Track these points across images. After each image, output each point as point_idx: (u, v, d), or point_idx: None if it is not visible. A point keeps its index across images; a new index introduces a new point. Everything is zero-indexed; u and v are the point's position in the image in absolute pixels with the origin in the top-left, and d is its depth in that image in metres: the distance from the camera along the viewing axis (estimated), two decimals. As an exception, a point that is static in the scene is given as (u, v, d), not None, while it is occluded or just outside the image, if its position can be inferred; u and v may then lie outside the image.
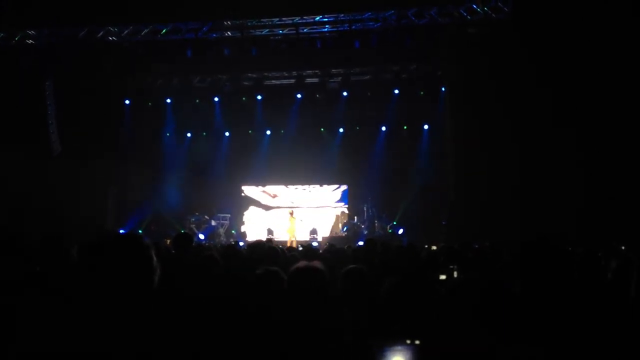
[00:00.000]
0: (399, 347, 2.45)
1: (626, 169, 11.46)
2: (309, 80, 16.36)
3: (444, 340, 1.81)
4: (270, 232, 17.01)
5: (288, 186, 18.40)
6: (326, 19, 13.47)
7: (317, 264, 2.65)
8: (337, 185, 18.13)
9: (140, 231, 15.88)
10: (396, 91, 16.26)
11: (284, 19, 13.53)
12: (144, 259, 1.68)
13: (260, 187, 18.55)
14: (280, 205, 18.30)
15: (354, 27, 13.34)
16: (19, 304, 2.33)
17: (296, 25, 13.54)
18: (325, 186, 18.16)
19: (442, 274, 3.32)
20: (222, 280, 3.62)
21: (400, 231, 15.65)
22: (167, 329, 1.73)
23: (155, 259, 1.72)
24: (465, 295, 1.81)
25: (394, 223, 16.10)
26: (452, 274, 3.31)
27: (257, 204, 18.42)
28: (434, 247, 9.05)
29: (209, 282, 3.67)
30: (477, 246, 8.35)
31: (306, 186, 18.30)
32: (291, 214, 16.49)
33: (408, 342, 2.40)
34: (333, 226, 17.46)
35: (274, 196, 18.47)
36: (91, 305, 1.63)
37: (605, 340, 2.46)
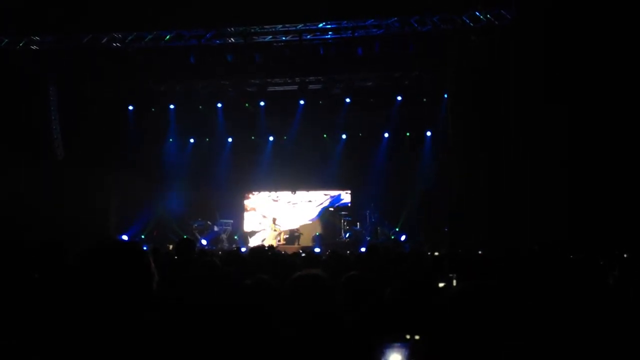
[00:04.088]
0: (399, 345, 2.45)
1: (629, 175, 11.44)
2: (312, 86, 16.38)
3: (443, 342, 1.82)
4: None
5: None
6: (329, 26, 13.49)
7: (317, 271, 2.65)
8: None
9: (142, 237, 15.93)
10: (399, 98, 16.29)
11: (287, 25, 13.55)
12: (142, 265, 1.69)
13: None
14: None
15: (357, 33, 13.35)
16: (18, 311, 2.34)
17: (299, 32, 13.57)
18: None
19: (441, 281, 3.32)
20: (221, 286, 3.63)
21: (403, 237, 15.64)
22: (165, 336, 1.74)
23: (153, 265, 1.73)
24: (463, 303, 1.81)
25: (397, 229, 16.10)
26: (451, 282, 3.31)
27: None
28: (436, 254, 9.05)
29: (209, 288, 3.67)
30: (480, 252, 8.36)
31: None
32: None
33: (407, 337, 2.40)
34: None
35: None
36: (89, 311, 1.63)
37: (606, 347, 2.46)
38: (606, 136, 11.63)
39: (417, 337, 2.58)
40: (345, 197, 18.13)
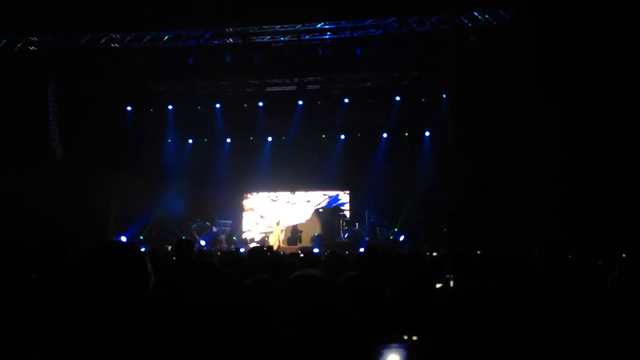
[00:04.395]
0: (397, 345, 2.45)
1: (629, 176, 11.45)
2: (310, 87, 16.36)
3: (441, 342, 1.81)
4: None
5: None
6: (328, 26, 13.48)
7: (316, 271, 2.65)
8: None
9: (141, 237, 15.92)
10: (397, 98, 16.29)
11: (285, 26, 13.55)
12: (138, 266, 1.69)
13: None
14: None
15: (355, 34, 13.35)
16: (16, 311, 2.34)
17: (298, 32, 13.56)
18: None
19: (439, 282, 3.33)
20: (220, 287, 3.62)
21: (402, 238, 15.64)
22: (162, 336, 1.73)
23: (149, 266, 1.73)
24: (462, 303, 1.81)
25: (395, 230, 16.09)
26: (449, 283, 3.32)
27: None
28: (435, 254, 9.06)
29: (208, 288, 3.67)
30: (479, 252, 8.36)
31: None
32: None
33: (405, 337, 2.40)
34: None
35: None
36: (86, 311, 1.63)
37: (605, 347, 2.45)
38: (605, 136, 11.63)
39: (414, 337, 2.58)
40: (343, 197, 18.14)
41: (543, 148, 12.14)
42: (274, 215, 17.93)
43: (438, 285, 3.35)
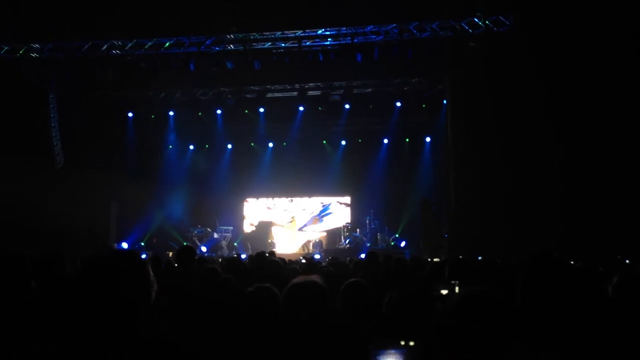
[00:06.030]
0: (395, 350, 2.45)
1: (628, 182, 11.45)
2: (311, 93, 16.41)
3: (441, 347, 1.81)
4: (272, 244, 17.05)
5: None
6: (328, 33, 13.53)
7: (315, 278, 2.65)
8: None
9: (142, 244, 15.91)
10: (398, 104, 16.32)
11: (286, 32, 13.60)
12: (141, 274, 1.70)
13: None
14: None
15: (356, 40, 13.38)
16: (19, 321, 2.34)
17: (299, 39, 13.60)
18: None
19: (444, 288, 3.32)
20: (222, 293, 3.62)
21: (403, 243, 15.63)
22: (164, 343, 1.74)
23: (152, 274, 1.73)
24: (465, 309, 1.81)
25: (396, 235, 16.09)
26: (454, 289, 3.30)
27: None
28: (436, 260, 9.04)
29: (210, 294, 3.67)
30: (480, 258, 8.35)
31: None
32: (292, 219, 17.42)
33: (402, 343, 2.40)
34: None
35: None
36: (88, 320, 1.63)
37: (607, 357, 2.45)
38: (605, 138, 11.64)
39: (412, 343, 2.58)
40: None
41: (543, 152, 12.14)
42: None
43: (444, 292, 3.34)
